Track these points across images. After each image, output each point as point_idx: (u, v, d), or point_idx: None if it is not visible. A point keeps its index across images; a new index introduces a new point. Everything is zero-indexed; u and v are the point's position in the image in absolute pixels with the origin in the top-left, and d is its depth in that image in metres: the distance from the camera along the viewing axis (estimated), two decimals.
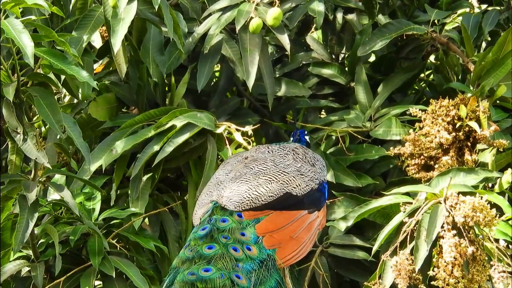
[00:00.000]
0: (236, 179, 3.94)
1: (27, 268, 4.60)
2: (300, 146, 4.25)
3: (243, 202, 3.83)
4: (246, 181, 3.91)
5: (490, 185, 4.40)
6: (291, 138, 4.67)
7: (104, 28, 4.83)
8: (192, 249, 3.79)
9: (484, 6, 5.80)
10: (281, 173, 3.94)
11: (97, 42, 4.89)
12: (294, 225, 3.86)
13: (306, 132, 4.70)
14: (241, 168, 4.02)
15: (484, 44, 5.80)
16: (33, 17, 4.06)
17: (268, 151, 4.16)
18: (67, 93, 5.26)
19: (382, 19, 5.54)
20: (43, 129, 5.21)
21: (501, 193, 4.30)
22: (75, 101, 5.18)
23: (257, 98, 5.67)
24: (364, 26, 5.48)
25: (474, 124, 4.50)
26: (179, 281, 3.66)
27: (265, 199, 3.84)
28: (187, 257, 3.76)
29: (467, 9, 5.64)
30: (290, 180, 3.92)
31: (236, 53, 5.10)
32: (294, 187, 3.91)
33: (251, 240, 3.77)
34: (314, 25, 5.30)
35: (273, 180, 3.90)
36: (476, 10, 5.62)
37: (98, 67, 5.35)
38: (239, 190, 3.88)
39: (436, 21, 5.33)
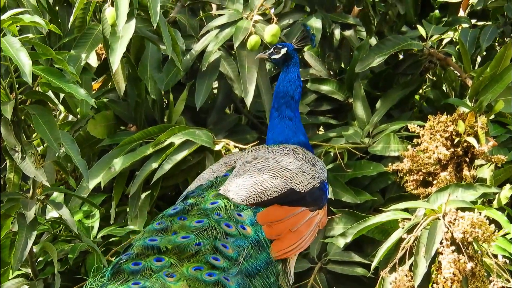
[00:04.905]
0: (240, 175, 3.92)
1: (26, 286, 4.60)
2: (299, 147, 4.24)
3: (249, 196, 3.81)
4: (251, 176, 3.89)
5: (488, 200, 4.40)
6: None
7: (100, 46, 4.83)
8: (165, 221, 3.70)
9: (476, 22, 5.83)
10: (284, 169, 3.94)
11: (93, 60, 4.89)
12: (294, 219, 3.85)
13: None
14: (243, 166, 4.01)
15: (479, 59, 5.82)
16: (30, 35, 4.07)
17: (268, 151, 4.16)
18: (62, 111, 5.26)
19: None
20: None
21: (500, 208, 4.29)
22: (70, 118, 5.18)
23: (255, 115, 5.67)
24: (361, 42, 5.50)
25: (472, 140, 4.50)
26: (138, 246, 3.53)
27: (270, 194, 3.83)
28: (159, 228, 3.66)
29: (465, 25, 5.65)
30: (293, 177, 3.92)
31: (234, 70, 5.11)
32: (297, 184, 3.91)
33: (247, 221, 3.73)
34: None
35: (277, 176, 3.90)
36: (465, 25, 5.63)
37: (95, 84, 5.36)
38: (245, 185, 3.85)
39: (426, 37, 5.35)
